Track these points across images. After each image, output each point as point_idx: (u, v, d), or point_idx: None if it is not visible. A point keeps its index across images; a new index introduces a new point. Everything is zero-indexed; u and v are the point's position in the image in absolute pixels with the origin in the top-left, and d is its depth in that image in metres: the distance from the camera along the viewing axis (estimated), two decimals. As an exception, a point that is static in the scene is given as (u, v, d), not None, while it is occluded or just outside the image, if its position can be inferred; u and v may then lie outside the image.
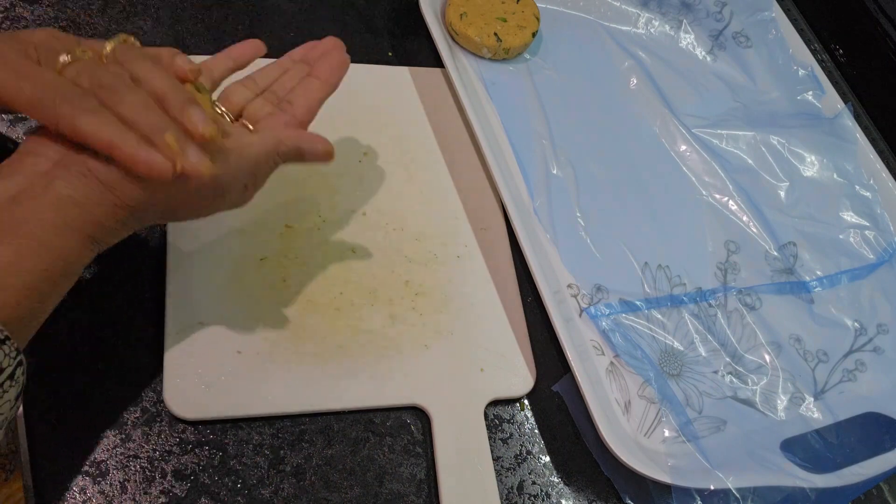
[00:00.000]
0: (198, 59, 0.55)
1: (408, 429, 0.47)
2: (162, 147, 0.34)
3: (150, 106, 0.36)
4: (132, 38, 0.40)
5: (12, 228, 0.34)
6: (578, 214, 0.58)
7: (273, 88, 0.44)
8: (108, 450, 0.42)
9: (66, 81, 0.36)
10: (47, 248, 0.34)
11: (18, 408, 0.35)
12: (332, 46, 0.46)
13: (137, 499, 0.41)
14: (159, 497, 0.41)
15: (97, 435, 0.42)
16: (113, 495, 0.41)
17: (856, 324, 0.60)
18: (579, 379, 0.48)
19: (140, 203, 0.36)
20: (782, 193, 0.65)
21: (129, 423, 0.43)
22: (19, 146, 0.37)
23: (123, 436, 0.42)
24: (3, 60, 0.36)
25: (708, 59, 0.72)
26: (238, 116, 0.43)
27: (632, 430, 0.50)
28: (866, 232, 0.65)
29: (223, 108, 0.43)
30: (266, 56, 0.58)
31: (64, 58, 0.37)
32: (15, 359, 0.33)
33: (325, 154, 0.42)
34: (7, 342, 0.32)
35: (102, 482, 0.41)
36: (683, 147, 0.65)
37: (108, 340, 0.44)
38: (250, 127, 0.42)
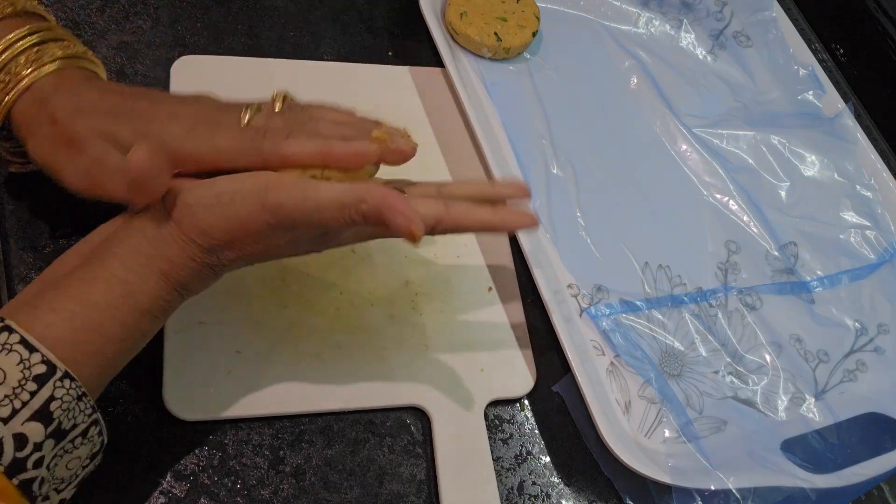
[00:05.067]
0: (203, 58, 0.55)
1: (408, 429, 0.47)
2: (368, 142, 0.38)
3: (343, 124, 0.40)
4: (290, 94, 0.41)
5: (89, 264, 0.35)
6: (578, 214, 0.58)
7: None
8: (107, 450, 0.41)
9: (256, 128, 0.38)
10: (117, 280, 0.34)
11: (92, 467, 0.35)
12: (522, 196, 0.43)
13: (137, 499, 0.41)
14: (159, 497, 0.41)
15: (97, 435, 0.42)
16: (112, 496, 0.40)
17: (856, 324, 0.60)
18: (579, 379, 0.48)
19: (202, 234, 0.36)
20: (783, 193, 0.65)
21: (129, 423, 0.43)
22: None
23: (123, 436, 0.42)
24: (187, 132, 0.38)
25: (708, 58, 0.72)
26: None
27: (632, 431, 0.50)
28: (867, 232, 0.65)
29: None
30: (264, 55, 0.58)
31: (245, 114, 0.39)
32: (90, 416, 0.33)
33: (406, 231, 0.36)
34: (84, 398, 0.33)
35: (102, 482, 0.41)
36: (684, 147, 0.65)
37: (108, 340, 0.44)
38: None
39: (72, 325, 0.33)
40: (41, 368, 0.31)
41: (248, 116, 0.39)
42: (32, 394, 0.31)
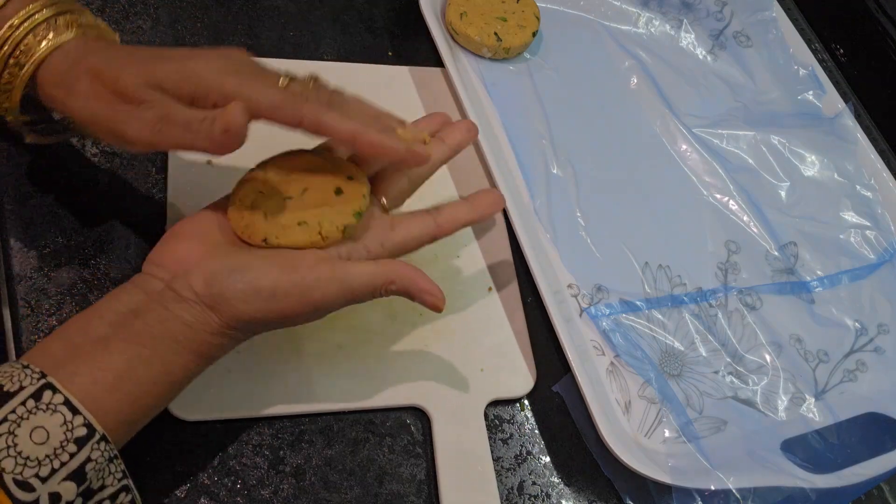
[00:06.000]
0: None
1: (408, 429, 0.47)
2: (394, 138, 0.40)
3: (372, 116, 0.41)
4: (320, 77, 0.42)
5: (128, 339, 0.35)
6: (579, 214, 0.58)
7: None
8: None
9: (295, 92, 0.38)
10: (159, 360, 0.36)
11: None
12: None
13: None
14: (159, 497, 0.41)
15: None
16: (112, 496, 0.40)
17: (856, 324, 0.60)
18: (579, 379, 0.48)
19: (241, 322, 0.38)
20: (783, 193, 0.65)
21: (129, 423, 0.43)
22: (143, 266, 0.39)
23: (123, 436, 0.42)
24: (231, 72, 0.38)
25: (708, 58, 0.72)
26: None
27: (632, 431, 0.50)
28: (867, 232, 0.65)
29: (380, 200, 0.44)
30: (264, 55, 0.58)
31: (283, 79, 0.39)
32: (120, 481, 0.34)
33: (433, 306, 0.41)
34: (115, 461, 0.33)
35: (102, 482, 0.41)
36: (684, 147, 0.65)
37: (108, 340, 0.44)
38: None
39: (112, 396, 0.34)
40: (82, 431, 0.32)
41: (286, 81, 0.39)
42: (72, 455, 0.32)
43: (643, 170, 0.63)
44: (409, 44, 0.64)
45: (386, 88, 0.60)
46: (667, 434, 0.50)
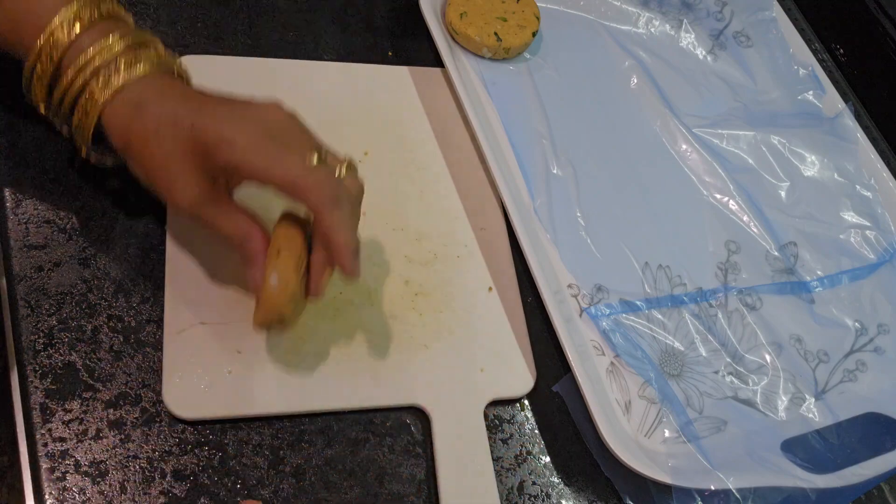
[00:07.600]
0: (203, 58, 0.55)
1: (408, 429, 0.47)
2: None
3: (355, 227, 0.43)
4: (354, 163, 0.44)
5: None
6: (579, 214, 0.58)
7: None
8: (107, 450, 0.42)
9: (313, 174, 0.40)
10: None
11: None
12: None
13: (137, 499, 0.41)
14: (158, 497, 0.41)
15: (96, 435, 0.42)
16: (112, 496, 0.40)
17: (856, 324, 0.60)
18: (579, 379, 0.48)
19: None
20: (783, 193, 0.65)
21: (129, 423, 0.43)
22: None
23: (123, 436, 0.42)
24: (263, 142, 0.39)
25: (708, 58, 0.72)
26: None
27: (632, 431, 0.50)
28: (867, 232, 0.65)
29: None
30: (264, 55, 0.58)
31: (312, 158, 0.40)
32: None
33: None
34: None
35: (102, 482, 0.41)
36: (684, 147, 0.65)
37: (108, 340, 0.44)
38: None
39: None
40: None
41: (311, 160, 0.40)
42: None
43: (643, 170, 0.63)
44: (409, 44, 0.64)
45: (386, 88, 0.60)
46: (667, 434, 0.50)
